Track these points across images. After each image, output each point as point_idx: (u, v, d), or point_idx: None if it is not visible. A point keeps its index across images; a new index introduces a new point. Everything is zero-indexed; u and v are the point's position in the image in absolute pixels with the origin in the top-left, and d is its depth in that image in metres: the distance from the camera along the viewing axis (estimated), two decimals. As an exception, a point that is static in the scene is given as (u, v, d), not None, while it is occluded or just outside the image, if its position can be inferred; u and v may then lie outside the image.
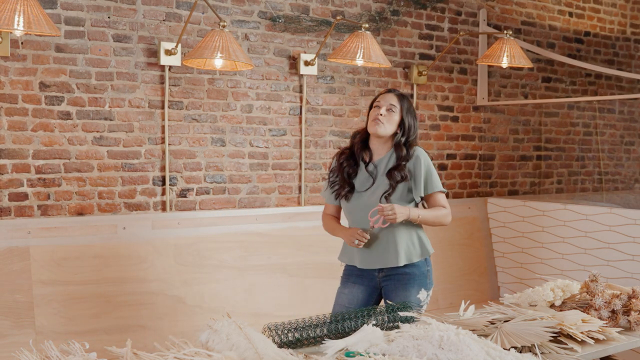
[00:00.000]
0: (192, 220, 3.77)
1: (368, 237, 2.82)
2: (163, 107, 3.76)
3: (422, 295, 2.91)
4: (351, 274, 2.99)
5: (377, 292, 2.96)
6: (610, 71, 5.27)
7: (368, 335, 2.21)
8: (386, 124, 2.87)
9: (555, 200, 4.87)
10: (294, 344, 2.26)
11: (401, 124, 2.91)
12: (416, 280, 2.90)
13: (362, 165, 2.94)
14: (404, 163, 2.87)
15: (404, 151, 2.89)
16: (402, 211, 2.78)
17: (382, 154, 2.93)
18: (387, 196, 2.85)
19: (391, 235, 2.87)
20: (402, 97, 2.93)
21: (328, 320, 2.37)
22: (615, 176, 5.97)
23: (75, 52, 3.51)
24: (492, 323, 2.41)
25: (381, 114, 2.87)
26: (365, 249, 2.89)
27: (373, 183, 2.89)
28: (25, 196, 3.41)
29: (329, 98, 4.34)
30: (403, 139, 2.90)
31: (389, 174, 2.87)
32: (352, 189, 2.92)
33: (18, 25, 2.74)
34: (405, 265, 2.89)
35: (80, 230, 3.45)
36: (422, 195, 2.91)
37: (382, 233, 2.88)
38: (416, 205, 2.94)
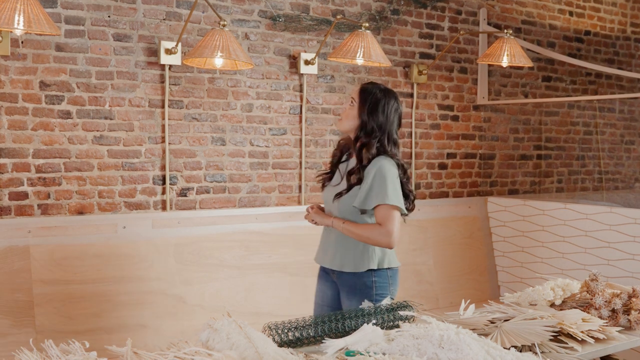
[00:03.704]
0: (192, 219, 3.77)
1: (311, 211, 2.85)
2: (163, 106, 3.76)
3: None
4: (320, 272, 2.98)
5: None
6: (611, 70, 5.27)
7: (368, 335, 2.20)
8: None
9: (555, 200, 4.87)
10: (294, 343, 2.26)
11: (361, 122, 2.72)
12: (357, 290, 2.74)
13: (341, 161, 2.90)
14: (359, 167, 2.70)
15: (362, 154, 2.70)
16: (322, 219, 2.81)
17: (353, 154, 2.83)
18: (338, 196, 2.74)
19: (332, 236, 2.83)
20: (364, 92, 2.73)
21: (328, 319, 2.37)
22: (615, 175, 5.97)
23: (76, 51, 3.51)
24: (492, 322, 2.41)
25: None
26: (322, 244, 2.91)
27: (341, 181, 2.82)
28: (25, 195, 3.41)
29: (329, 97, 4.33)
30: (364, 140, 2.71)
31: (347, 175, 2.75)
32: (329, 179, 2.89)
33: (18, 24, 2.73)
34: (349, 273, 2.76)
35: (81, 230, 3.45)
36: (356, 205, 2.68)
37: (331, 232, 2.84)
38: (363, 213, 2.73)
